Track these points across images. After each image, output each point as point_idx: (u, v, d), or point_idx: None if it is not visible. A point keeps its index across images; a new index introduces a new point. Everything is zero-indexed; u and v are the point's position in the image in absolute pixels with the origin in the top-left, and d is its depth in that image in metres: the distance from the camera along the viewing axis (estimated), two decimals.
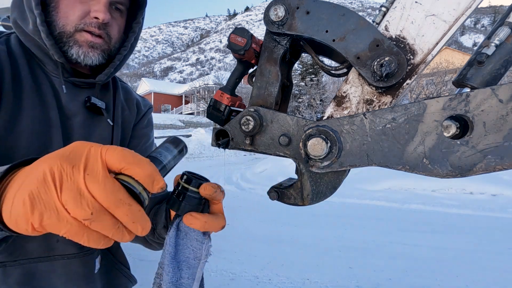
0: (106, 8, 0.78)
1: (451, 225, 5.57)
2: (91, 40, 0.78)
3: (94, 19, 0.77)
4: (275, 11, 0.69)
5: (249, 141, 0.75)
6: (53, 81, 0.82)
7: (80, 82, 0.85)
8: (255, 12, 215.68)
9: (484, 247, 4.53)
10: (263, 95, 0.78)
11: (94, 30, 0.78)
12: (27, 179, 0.38)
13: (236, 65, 0.83)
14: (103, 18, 0.77)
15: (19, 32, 0.79)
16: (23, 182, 0.38)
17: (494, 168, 0.52)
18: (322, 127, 0.65)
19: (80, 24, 0.77)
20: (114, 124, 0.92)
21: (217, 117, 0.83)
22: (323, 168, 0.65)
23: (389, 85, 0.63)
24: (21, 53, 0.79)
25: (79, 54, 0.78)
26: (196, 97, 40.32)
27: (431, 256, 4.22)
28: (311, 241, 4.85)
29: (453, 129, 0.56)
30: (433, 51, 0.62)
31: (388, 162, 0.60)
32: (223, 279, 3.61)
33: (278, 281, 3.56)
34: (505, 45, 0.58)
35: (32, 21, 0.74)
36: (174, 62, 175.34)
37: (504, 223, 5.63)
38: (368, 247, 4.59)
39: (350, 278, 3.63)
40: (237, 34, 0.75)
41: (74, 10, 0.76)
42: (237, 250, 4.46)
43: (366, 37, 0.64)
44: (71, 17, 0.76)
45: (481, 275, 3.67)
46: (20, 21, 0.77)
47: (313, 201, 0.73)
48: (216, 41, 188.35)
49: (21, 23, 0.77)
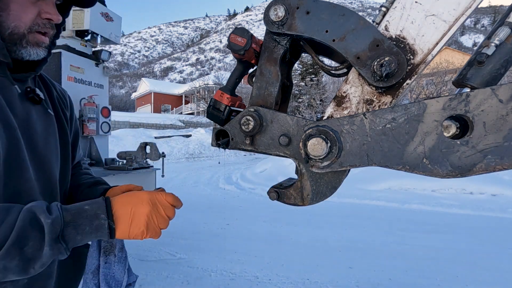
0: (56, 9, 0.81)
1: (451, 225, 5.57)
2: (41, 40, 0.81)
3: (47, 20, 0.79)
4: (275, 11, 0.69)
5: (249, 141, 0.75)
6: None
7: (23, 77, 0.86)
8: (255, 12, 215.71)
9: (484, 247, 4.53)
10: (263, 95, 0.78)
11: (48, 30, 0.81)
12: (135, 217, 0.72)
13: (236, 65, 0.83)
14: (57, 20, 0.80)
15: None
16: (132, 219, 0.72)
17: (494, 168, 0.52)
18: (322, 127, 0.65)
19: (34, 26, 0.78)
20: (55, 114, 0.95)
21: (217, 117, 0.83)
22: (323, 168, 0.65)
23: (389, 85, 0.63)
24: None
25: (30, 53, 0.80)
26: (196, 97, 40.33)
27: (431, 256, 4.22)
28: (311, 241, 4.85)
29: (453, 129, 0.56)
30: (433, 51, 0.62)
31: (388, 162, 0.60)
32: (223, 279, 3.61)
33: (278, 281, 3.56)
34: (505, 45, 0.58)
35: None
36: (174, 62, 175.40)
37: (504, 223, 5.63)
38: (368, 247, 4.59)
39: (350, 278, 3.63)
40: (237, 34, 0.75)
41: (26, 11, 0.76)
42: (237, 250, 4.46)
43: (366, 37, 0.64)
44: (24, 18, 0.76)
45: (481, 275, 3.67)
46: None
47: (313, 201, 0.73)
48: (216, 41, 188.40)
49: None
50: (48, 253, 0.62)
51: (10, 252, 0.58)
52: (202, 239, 4.93)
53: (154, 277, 3.56)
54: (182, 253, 4.33)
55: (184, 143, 19.85)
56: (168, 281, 3.53)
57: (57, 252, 0.63)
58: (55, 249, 0.63)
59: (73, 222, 0.66)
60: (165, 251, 4.39)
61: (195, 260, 4.11)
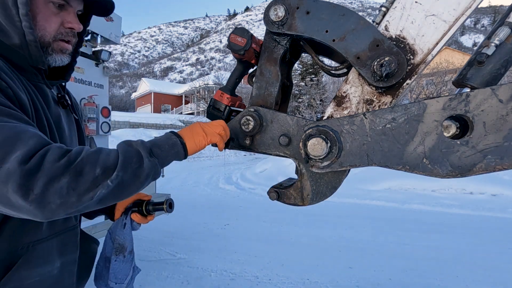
0: (77, 19, 0.92)
1: (451, 225, 5.57)
2: (65, 47, 0.92)
3: (69, 29, 0.90)
4: (275, 11, 0.69)
5: (249, 141, 0.75)
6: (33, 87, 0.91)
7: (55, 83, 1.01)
8: (255, 12, 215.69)
9: (484, 247, 4.53)
10: (263, 95, 0.78)
11: (70, 38, 0.92)
12: (194, 129, 0.88)
13: (236, 65, 0.83)
14: (78, 29, 0.92)
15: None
16: (192, 131, 0.88)
17: (494, 168, 0.52)
18: (322, 127, 0.65)
19: (58, 35, 0.89)
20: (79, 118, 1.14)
21: (217, 117, 0.83)
22: (323, 168, 0.65)
23: (389, 85, 0.63)
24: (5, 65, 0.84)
25: (56, 60, 0.92)
26: (196, 97, 40.31)
27: (431, 256, 4.22)
28: (311, 241, 4.85)
29: (453, 129, 0.56)
30: (433, 51, 0.62)
31: (388, 162, 0.60)
32: (223, 279, 3.61)
33: (278, 281, 3.56)
34: (505, 45, 0.58)
35: (19, 35, 0.83)
36: (174, 62, 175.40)
37: (504, 223, 5.63)
38: (368, 247, 4.59)
39: (350, 278, 3.63)
40: (237, 34, 0.75)
41: (50, 22, 0.87)
42: (237, 250, 4.46)
43: (366, 37, 0.64)
44: (48, 28, 0.87)
45: (481, 275, 3.67)
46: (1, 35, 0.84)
47: (313, 201, 0.73)
48: (216, 41, 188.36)
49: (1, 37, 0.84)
50: (148, 165, 0.78)
51: (124, 166, 0.75)
52: (202, 239, 4.93)
53: (154, 277, 3.56)
54: (182, 253, 4.34)
55: None
56: (168, 281, 3.53)
57: (154, 164, 0.80)
58: (152, 161, 0.79)
59: (155, 144, 0.83)
60: (165, 251, 4.39)
61: (195, 260, 4.11)
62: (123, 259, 1.11)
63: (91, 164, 0.73)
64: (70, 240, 1.02)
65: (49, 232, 0.92)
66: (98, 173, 0.72)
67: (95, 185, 0.72)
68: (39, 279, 0.89)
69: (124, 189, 0.77)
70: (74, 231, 1.04)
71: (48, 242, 0.92)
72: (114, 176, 0.73)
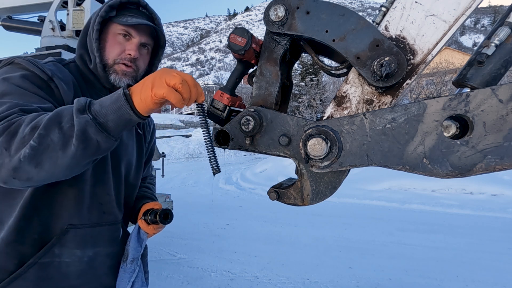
0: (136, 47, 1.10)
1: (451, 225, 5.57)
2: (125, 70, 1.09)
3: (128, 55, 1.09)
4: (275, 11, 0.69)
5: (249, 141, 0.75)
6: None
7: None
8: (255, 12, 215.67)
9: (484, 247, 4.53)
10: (263, 95, 0.78)
11: (127, 62, 1.09)
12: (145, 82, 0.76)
13: (236, 65, 0.83)
14: (134, 55, 1.09)
15: (82, 66, 1.11)
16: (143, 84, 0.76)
17: (494, 168, 0.52)
18: (322, 127, 0.65)
19: (117, 59, 1.08)
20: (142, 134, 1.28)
21: (217, 117, 0.83)
22: (323, 168, 0.65)
23: (389, 85, 0.63)
24: (81, 79, 1.10)
25: (116, 80, 1.09)
26: None
27: (431, 256, 4.22)
28: (311, 241, 4.86)
29: (453, 129, 0.56)
30: (433, 51, 0.62)
31: (388, 162, 0.60)
32: (223, 279, 3.61)
33: (278, 281, 3.56)
34: (505, 45, 0.58)
35: (93, 60, 1.08)
36: (174, 62, 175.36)
37: (504, 223, 5.64)
38: (368, 247, 4.59)
39: (350, 278, 3.63)
40: (237, 34, 0.75)
41: (114, 49, 1.09)
42: (237, 250, 4.46)
43: (366, 37, 0.64)
44: (112, 54, 1.08)
45: (481, 275, 3.67)
46: (86, 58, 1.10)
47: (313, 201, 0.73)
48: (216, 41, 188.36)
49: (87, 59, 1.10)
50: (77, 122, 0.73)
51: (48, 124, 0.73)
52: (202, 239, 4.93)
53: (154, 277, 3.56)
54: (182, 253, 4.34)
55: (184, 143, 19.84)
56: (168, 281, 3.53)
57: (85, 121, 0.74)
58: (82, 118, 0.74)
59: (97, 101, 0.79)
60: (165, 251, 4.39)
61: (195, 260, 4.11)
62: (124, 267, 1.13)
63: (25, 124, 0.74)
64: (107, 234, 1.10)
65: (85, 221, 1.02)
66: (26, 132, 0.73)
67: (23, 144, 0.72)
68: (69, 260, 0.99)
69: (52, 150, 0.73)
70: (114, 227, 1.12)
71: (83, 229, 1.02)
72: (37, 135, 0.72)
